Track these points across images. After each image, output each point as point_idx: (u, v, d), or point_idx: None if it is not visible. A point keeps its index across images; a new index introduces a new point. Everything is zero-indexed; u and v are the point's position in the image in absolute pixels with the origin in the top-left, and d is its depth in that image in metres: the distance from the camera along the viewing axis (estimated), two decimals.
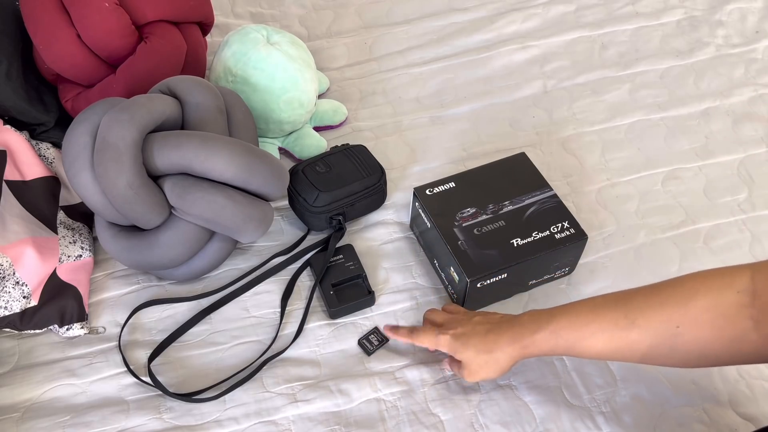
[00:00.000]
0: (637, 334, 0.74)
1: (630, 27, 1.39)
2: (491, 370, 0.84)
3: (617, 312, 0.76)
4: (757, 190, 1.13)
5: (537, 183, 1.02)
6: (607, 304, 0.77)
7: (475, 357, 0.84)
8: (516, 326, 0.82)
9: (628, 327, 0.74)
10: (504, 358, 0.83)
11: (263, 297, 1.02)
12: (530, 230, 0.96)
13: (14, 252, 0.94)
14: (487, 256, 0.94)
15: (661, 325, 0.72)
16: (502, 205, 0.99)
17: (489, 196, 1.00)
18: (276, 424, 0.89)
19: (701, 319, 0.70)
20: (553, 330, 0.79)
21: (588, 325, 0.77)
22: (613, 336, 0.75)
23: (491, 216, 0.98)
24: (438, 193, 1.01)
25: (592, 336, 0.77)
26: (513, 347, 0.82)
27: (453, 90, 1.29)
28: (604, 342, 0.76)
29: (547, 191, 1.01)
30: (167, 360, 0.95)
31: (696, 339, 0.70)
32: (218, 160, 0.91)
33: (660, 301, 0.73)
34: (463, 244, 0.95)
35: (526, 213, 0.98)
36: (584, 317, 0.78)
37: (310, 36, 1.39)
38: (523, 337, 0.81)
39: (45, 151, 1.08)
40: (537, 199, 1.00)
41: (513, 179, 1.03)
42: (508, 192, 1.01)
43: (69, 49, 1.03)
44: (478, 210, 0.99)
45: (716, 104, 1.25)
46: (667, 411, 0.89)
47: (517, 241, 0.95)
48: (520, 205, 0.99)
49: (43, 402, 0.91)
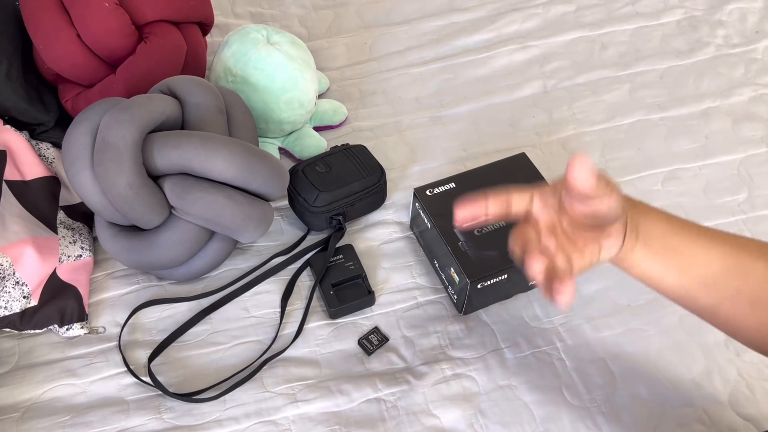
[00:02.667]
0: (764, 269, 0.64)
1: (630, 27, 1.39)
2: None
3: (750, 241, 0.67)
4: (757, 190, 1.13)
5: (537, 183, 1.02)
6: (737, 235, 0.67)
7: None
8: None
9: (757, 256, 0.65)
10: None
11: (263, 297, 1.02)
12: None
13: (14, 252, 0.94)
14: (488, 256, 0.94)
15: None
16: None
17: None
18: (276, 424, 0.89)
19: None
20: (672, 224, 0.67)
21: (711, 238, 0.66)
22: (738, 259, 0.65)
23: None
24: (438, 194, 1.01)
25: (712, 249, 0.65)
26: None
27: (453, 90, 1.29)
28: (722, 258, 0.65)
29: None
30: (167, 360, 0.95)
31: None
32: (218, 160, 0.91)
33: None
34: (463, 245, 0.95)
35: None
36: (708, 231, 0.67)
37: (310, 36, 1.39)
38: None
39: (45, 151, 1.08)
40: None
41: (513, 179, 1.03)
42: None
43: (69, 49, 1.03)
44: None
45: (716, 104, 1.25)
46: (667, 411, 0.89)
47: None
48: None
49: (43, 402, 0.91)
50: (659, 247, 0.67)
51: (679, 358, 0.94)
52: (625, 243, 0.66)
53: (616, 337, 0.96)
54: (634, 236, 0.66)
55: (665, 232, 0.67)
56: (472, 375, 0.93)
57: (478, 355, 0.95)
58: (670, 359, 0.94)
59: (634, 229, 0.66)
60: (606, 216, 0.62)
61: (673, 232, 0.67)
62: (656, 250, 0.67)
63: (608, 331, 0.97)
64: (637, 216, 0.67)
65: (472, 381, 0.92)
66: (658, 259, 0.67)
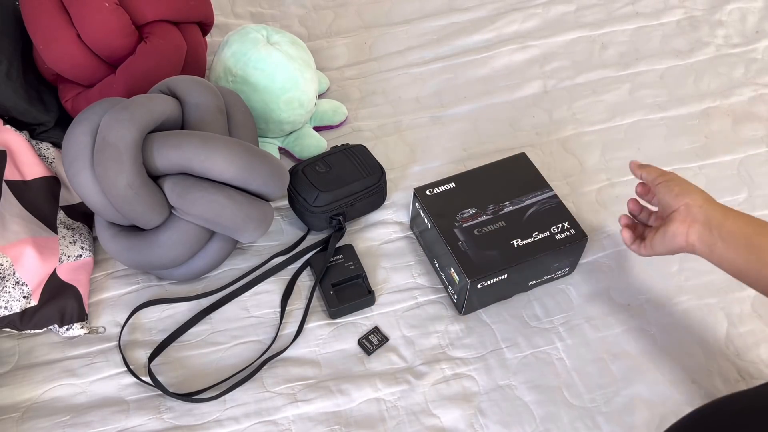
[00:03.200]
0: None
1: (630, 27, 1.39)
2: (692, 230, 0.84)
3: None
4: (757, 190, 1.13)
5: (537, 183, 1.02)
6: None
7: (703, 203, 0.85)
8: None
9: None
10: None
11: (263, 297, 1.02)
12: (530, 231, 0.96)
13: (14, 252, 0.94)
14: (488, 256, 0.94)
15: None
16: (502, 205, 0.99)
17: (489, 196, 1.00)
18: (276, 424, 0.89)
19: None
20: (755, 226, 0.81)
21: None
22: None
23: (491, 216, 0.98)
24: (438, 194, 1.01)
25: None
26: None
27: (453, 90, 1.29)
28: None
29: (547, 192, 1.01)
30: (167, 360, 0.95)
31: None
32: (218, 160, 0.91)
33: None
34: (463, 244, 0.95)
35: (526, 213, 0.98)
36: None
37: (310, 36, 1.39)
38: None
39: (45, 151, 1.08)
40: (537, 199, 1.00)
41: (513, 179, 1.03)
42: (509, 192, 1.01)
43: (69, 49, 1.03)
44: (478, 211, 0.99)
45: (716, 104, 1.25)
46: (667, 411, 0.89)
47: (518, 242, 0.95)
48: (521, 205, 0.99)
49: (43, 402, 0.91)
50: (743, 245, 0.80)
51: (679, 357, 0.94)
52: (699, 236, 0.83)
53: (616, 337, 0.96)
54: (716, 234, 0.82)
55: (750, 232, 0.81)
56: (472, 375, 0.93)
57: (478, 355, 0.95)
58: (670, 359, 0.94)
59: (715, 227, 0.82)
60: (659, 203, 0.89)
61: (757, 232, 0.80)
62: (739, 247, 0.81)
63: (608, 331, 0.97)
64: (719, 217, 0.82)
65: (472, 381, 0.92)
66: (741, 254, 0.81)
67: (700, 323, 0.98)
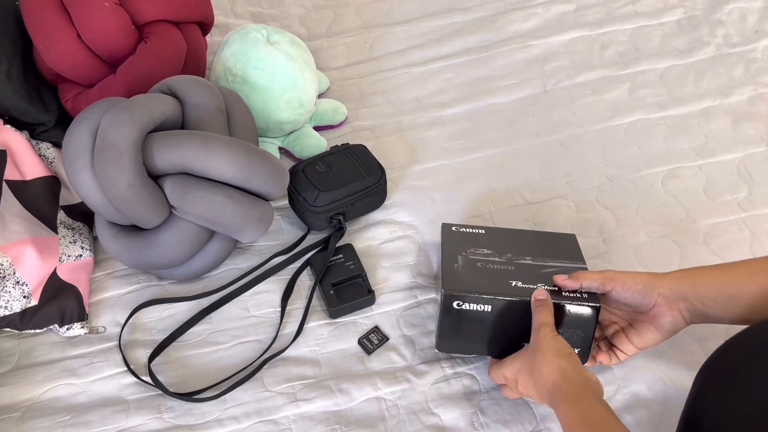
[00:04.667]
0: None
1: (630, 26, 1.39)
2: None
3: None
4: (757, 188, 1.13)
5: (572, 255, 0.93)
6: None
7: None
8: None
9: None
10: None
11: (263, 297, 1.02)
12: (537, 281, 0.87)
13: (14, 252, 0.94)
14: (477, 281, 0.86)
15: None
16: (522, 257, 0.91)
17: (513, 248, 0.93)
18: (276, 424, 0.89)
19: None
20: (723, 276, 0.82)
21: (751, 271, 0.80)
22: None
23: (504, 261, 0.90)
24: (463, 233, 0.96)
25: (753, 278, 0.79)
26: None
27: (453, 90, 1.29)
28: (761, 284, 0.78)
29: (578, 263, 0.91)
30: (167, 360, 0.95)
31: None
32: (218, 159, 0.91)
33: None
34: (459, 267, 0.89)
35: (542, 270, 0.89)
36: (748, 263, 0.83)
37: (310, 36, 1.39)
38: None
39: (45, 151, 1.08)
40: (563, 265, 0.90)
41: (548, 247, 0.94)
42: (536, 252, 0.92)
43: (69, 49, 1.03)
44: (494, 253, 0.92)
45: (716, 104, 1.25)
46: (667, 410, 0.89)
47: (518, 284, 0.87)
48: (541, 263, 0.90)
49: (43, 402, 0.91)
50: (721, 303, 0.80)
51: (679, 357, 0.94)
52: (690, 313, 0.82)
53: None
54: (695, 308, 0.81)
55: (720, 287, 0.80)
56: (473, 374, 0.93)
57: None
58: (670, 359, 0.94)
59: (691, 301, 0.81)
60: (631, 303, 0.84)
61: (726, 282, 0.80)
62: (716, 305, 0.80)
63: None
64: (689, 290, 0.81)
65: (472, 380, 0.92)
66: (719, 310, 0.81)
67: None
